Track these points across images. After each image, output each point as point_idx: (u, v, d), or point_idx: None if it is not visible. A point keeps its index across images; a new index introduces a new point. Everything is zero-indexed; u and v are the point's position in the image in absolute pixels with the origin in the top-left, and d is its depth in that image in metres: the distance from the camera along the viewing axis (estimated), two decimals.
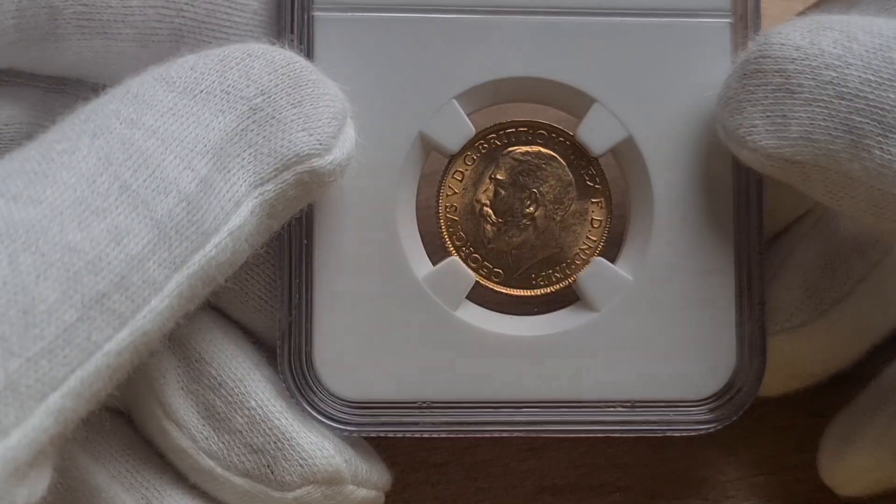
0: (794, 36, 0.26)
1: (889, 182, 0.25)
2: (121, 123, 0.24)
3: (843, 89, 0.25)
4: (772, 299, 0.30)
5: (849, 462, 0.31)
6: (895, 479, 0.31)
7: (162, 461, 0.29)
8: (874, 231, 0.28)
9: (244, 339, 0.29)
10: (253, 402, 0.28)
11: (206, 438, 0.28)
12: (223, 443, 0.28)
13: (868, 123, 0.25)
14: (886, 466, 0.30)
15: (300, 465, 0.28)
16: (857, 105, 0.25)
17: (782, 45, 0.26)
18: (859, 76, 0.25)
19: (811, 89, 0.26)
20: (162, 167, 0.24)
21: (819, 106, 0.26)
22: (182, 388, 0.28)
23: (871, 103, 0.25)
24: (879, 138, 0.25)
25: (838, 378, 0.31)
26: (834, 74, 0.25)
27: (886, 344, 0.31)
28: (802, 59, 0.26)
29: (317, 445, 0.28)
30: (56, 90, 0.29)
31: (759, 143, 0.26)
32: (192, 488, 0.28)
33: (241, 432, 0.28)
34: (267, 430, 0.28)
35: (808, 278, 0.30)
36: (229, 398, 0.28)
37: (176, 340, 0.28)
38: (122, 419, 0.29)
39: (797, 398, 0.32)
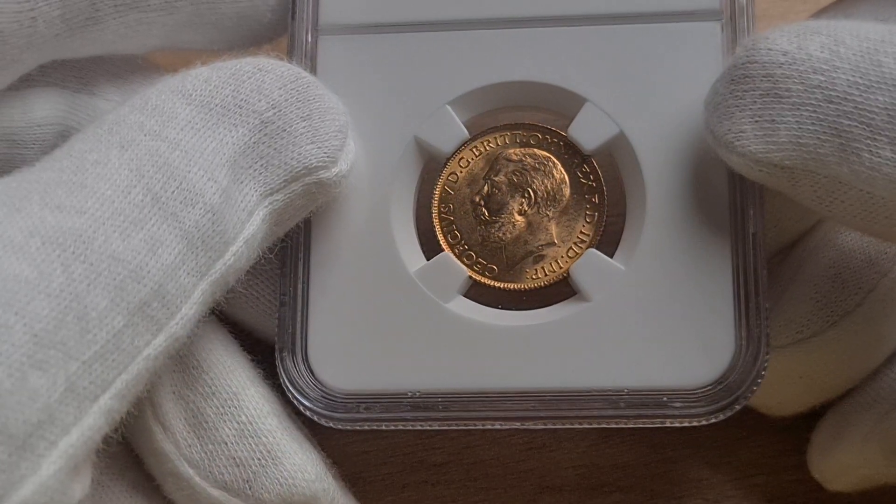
0: (781, 41, 0.26)
1: (879, 185, 0.25)
2: (145, 136, 0.25)
3: (831, 93, 0.25)
4: (783, 312, 0.30)
5: (838, 458, 0.31)
6: (883, 476, 0.31)
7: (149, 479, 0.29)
8: (865, 234, 0.28)
9: (243, 354, 0.29)
10: (244, 417, 0.28)
11: (190, 446, 0.28)
12: (206, 452, 0.28)
13: (857, 126, 0.25)
14: (875, 463, 0.30)
15: (280, 485, 0.28)
16: (845, 108, 0.25)
17: (770, 50, 0.26)
18: (847, 79, 0.25)
19: (799, 93, 0.26)
20: (188, 179, 0.25)
21: (807, 110, 0.26)
22: (174, 393, 0.28)
23: (860, 106, 0.25)
24: (868, 141, 0.25)
25: None
26: (822, 78, 0.25)
27: None
28: (790, 64, 0.26)
29: (299, 468, 0.28)
30: (86, 91, 0.30)
31: (748, 149, 0.26)
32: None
33: (226, 443, 0.28)
34: (253, 445, 0.28)
35: (819, 290, 0.30)
36: (220, 408, 0.28)
37: None
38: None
39: None
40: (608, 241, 0.29)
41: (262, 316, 0.30)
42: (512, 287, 0.29)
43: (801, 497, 0.33)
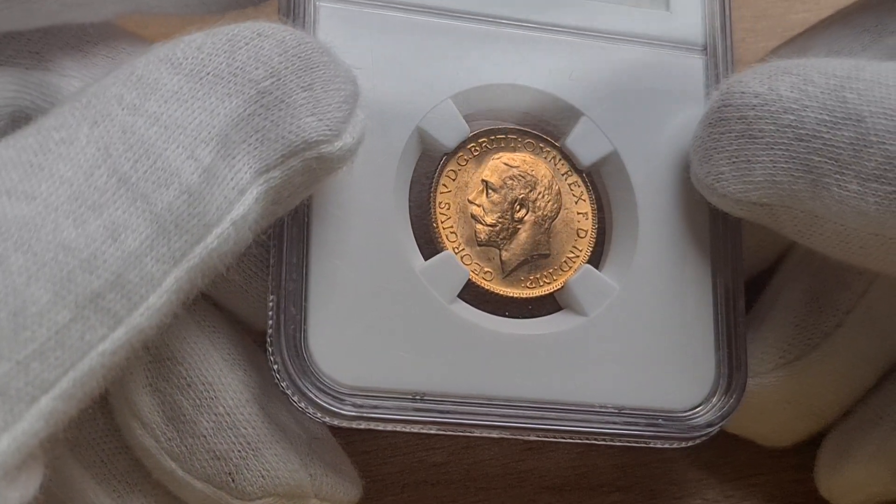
0: (753, 84, 0.27)
1: (849, 218, 0.26)
2: (123, 109, 0.23)
3: (801, 131, 0.26)
4: (764, 339, 0.30)
5: (845, 476, 0.31)
6: (891, 493, 0.31)
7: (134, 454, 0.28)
8: (846, 263, 0.28)
9: (223, 335, 0.28)
10: (221, 408, 0.27)
11: (170, 440, 0.27)
12: (186, 446, 0.27)
13: (826, 163, 0.26)
14: (883, 481, 0.30)
15: (262, 477, 0.27)
16: (814, 146, 0.26)
17: (742, 93, 0.27)
18: (815, 117, 0.26)
19: (771, 134, 0.26)
20: (163, 157, 0.23)
21: (780, 149, 0.26)
22: (149, 386, 0.27)
23: (828, 143, 0.26)
24: (837, 176, 0.25)
25: None
26: (792, 118, 0.26)
27: None
28: (762, 106, 0.27)
29: (281, 458, 0.27)
30: (40, 67, 0.27)
31: (727, 189, 0.27)
32: (161, 485, 0.28)
33: (205, 437, 0.27)
34: (232, 438, 0.27)
35: (798, 315, 0.30)
36: (197, 401, 0.27)
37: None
38: (101, 403, 0.28)
39: None
40: (595, 252, 0.30)
41: (251, 305, 0.28)
42: (509, 294, 0.29)
43: (801, 497, 0.33)
